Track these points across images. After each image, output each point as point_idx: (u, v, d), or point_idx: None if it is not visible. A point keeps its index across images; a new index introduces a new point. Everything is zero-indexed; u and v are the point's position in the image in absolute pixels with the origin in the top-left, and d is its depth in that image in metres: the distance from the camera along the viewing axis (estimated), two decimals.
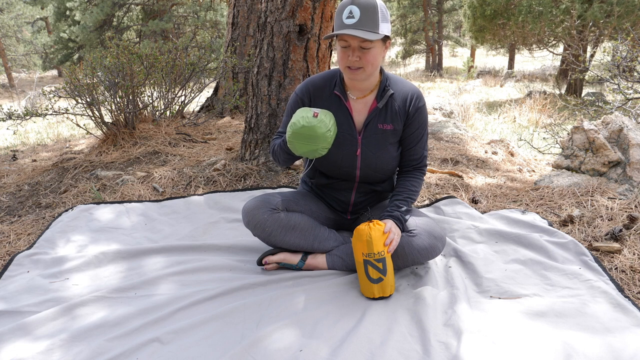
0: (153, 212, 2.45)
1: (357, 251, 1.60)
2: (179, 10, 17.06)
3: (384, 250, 1.57)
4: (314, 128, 1.51)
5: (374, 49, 1.55)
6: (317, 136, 1.53)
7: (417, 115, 1.73)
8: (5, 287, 1.75)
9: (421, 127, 1.75)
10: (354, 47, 1.53)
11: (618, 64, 4.57)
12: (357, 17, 1.49)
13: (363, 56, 1.54)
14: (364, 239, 1.56)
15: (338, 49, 1.58)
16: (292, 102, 1.78)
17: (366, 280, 1.60)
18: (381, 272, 1.57)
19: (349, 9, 1.50)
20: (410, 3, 23.78)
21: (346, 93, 1.72)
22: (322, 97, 1.73)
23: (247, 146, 3.02)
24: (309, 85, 1.75)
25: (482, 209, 2.42)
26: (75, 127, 6.28)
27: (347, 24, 1.50)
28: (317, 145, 1.55)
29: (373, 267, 1.57)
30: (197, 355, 1.34)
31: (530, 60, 20.85)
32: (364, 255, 1.58)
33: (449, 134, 3.97)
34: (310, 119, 1.52)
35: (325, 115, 1.57)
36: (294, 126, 1.54)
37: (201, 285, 1.72)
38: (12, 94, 15.49)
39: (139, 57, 3.80)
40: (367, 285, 1.60)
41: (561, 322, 1.44)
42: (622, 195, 2.34)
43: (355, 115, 1.72)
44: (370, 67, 1.57)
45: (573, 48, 9.34)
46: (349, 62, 1.56)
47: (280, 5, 2.73)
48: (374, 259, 1.57)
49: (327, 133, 1.54)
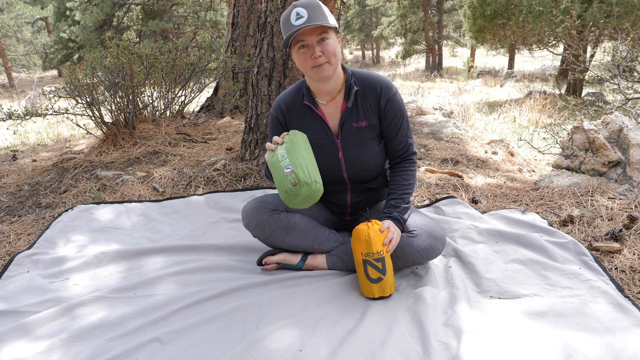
0: (153, 212, 2.45)
1: (357, 251, 1.60)
2: (179, 10, 17.06)
3: (383, 249, 1.57)
4: (301, 196, 1.52)
5: (331, 40, 1.57)
6: (309, 197, 1.53)
7: (389, 106, 1.70)
8: (5, 287, 1.75)
9: (397, 116, 1.72)
10: (313, 44, 1.55)
11: (618, 64, 4.57)
12: (306, 16, 1.52)
13: (324, 49, 1.55)
14: (363, 239, 1.56)
15: (297, 55, 1.59)
16: (270, 122, 1.81)
17: (366, 280, 1.59)
18: (380, 272, 1.57)
19: (295, 12, 1.53)
20: (410, 3, 23.79)
21: (315, 100, 1.72)
22: (294, 112, 1.74)
23: (247, 146, 3.02)
24: (280, 103, 1.77)
25: (482, 209, 2.42)
26: (75, 127, 6.28)
27: (298, 24, 1.51)
28: (316, 197, 1.55)
29: (372, 266, 1.57)
30: (197, 355, 1.34)
31: (530, 60, 20.85)
32: (363, 255, 1.58)
33: (449, 134, 3.97)
34: (292, 193, 1.51)
35: (298, 166, 1.53)
36: (288, 202, 1.55)
37: (201, 285, 1.72)
38: (12, 94, 15.50)
39: (139, 57, 3.80)
40: (367, 286, 1.60)
41: (561, 322, 1.44)
42: (622, 195, 2.34)
43: (329, 120, 1.72)
44: (334, 58, 1.58)
45: (573, 48, 9.34)
46: (313, 60, 1.56)
47: (280, 5, 2.73)
48: (373, 258, 1.56)
49: (313, 186, 1.53)
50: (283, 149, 1.56)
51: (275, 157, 1.56)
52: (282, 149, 1.57)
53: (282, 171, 1.52)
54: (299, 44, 1.56)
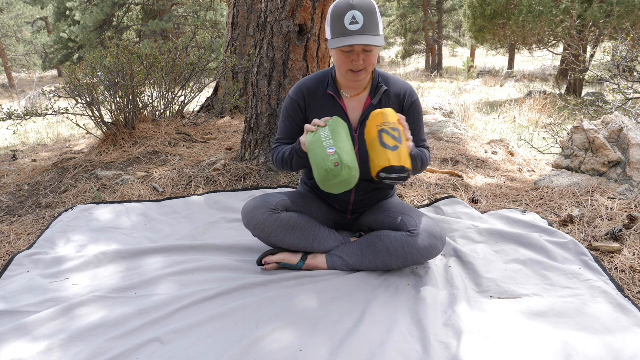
0: (153, 212, 2.45)
1: (371, 127, 1.52)
2: (179, 10, 17.07)
3: (399, 125, 1.51)
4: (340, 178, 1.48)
5: (376, 50, 1.57)
6: (346, 181, 1.50)
7: (412, 110, 1.76)
8: (5, 287, 1.75)
9: (417, 120, 1.79)
10: (358, 52, 1.54)
11: (618, 64, 4.57)
12: (362, 23, 1.49)
13: (367, 59, 1.57)
14: (378, 112, 1.52)
15: (338, 53, 1.58)
16: (287, 106, 1.78)
17: (381, 148, 1.48)
18: (397, 140, 1.48)
19: (351, 15, 1.49)
20: (410, 3, 23.79)
21: (340, 92, 1.73)
22: (316, 99, 1.74)
23: (247, 146, 3.02)
24: (302, 87, 1.76)
25: (482, 209, 2.42)
26: (75, 127, 6.28)
27: (352, 30, 1.50)
28: (351, 184, 1.52)
29: (388, 134, 1.48)
30: (197, 355, 1.34)
31: (530, 60, 20.85)
32: (379, 127, 1.50)
33: (449, 134, 3.97)
34: (332, 173, 1.47)
35: (343, 149, 1.49)
36: (323, 183, 1.50)
37: (201, 285, 1.72)
38: (12, 94, 15.50)
39: (139, 57, 3.80)
40: (382, 153, 1.47)
41: (561, 322, 1.44)
42: (622, 195, 2.34)
43: (350, 114, 1.74)
44: (371, 67, 1.60)
45: (573, 48, 9.34)
46: (354, 66, 1.57)
47: (280, 5, 2.73)
48: (389, 127, 1.49)
49: (354, 171, 1.49)
50: (327, 131, 1.53)
51: (318, 136, 1.53)
52: (325, 131, 1.54)
53: (325, 150, 1.49)
54: (346, 46, 1.54)
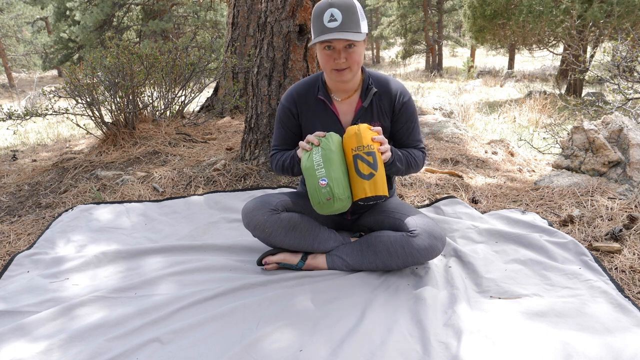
0: (153, 212, 2.45)
1: (347, 149, 1.58)
2: (179, 10, 17.06)
3: (374, 145, 1.55)
4: (332, 210, 1.56)
5: (358, 48, 1.57)
6: (339, 209, 1.57)
7: (403, 111, 1.74)
8: (5, 287, 1.75)
9: (410, 120, 1.76)
10: (339, 49, 1.55)
11: (618, 64, 4.57)
12: (340, 19, 1.50)
13: (349, 56, 1.56)
14: (352, 133, 1.55)
15: (320, 52, 1.59)
16: (280, 113, 1.78)
17: (357, 178, 1.55)
18: (372, 167, 1.54)
19: (329, 12, 1.51)
20: (410, 3, 23.79)
21: (330, 96, 1.72)
22: (307, 104, 1.74)
23: (247, 146, 3.02)
24: (293, 93, 1.76)
25: (482, 209, 2.42)
26: (75, 127, 6.28)
27: (331, 27, 1.51)
28: (345, 209, 1.59)
29: (363, 161, 1.53)
30: (197, 355, 1.34)
31: (530, 60, 20.84)
32: (354, 151, 1.55)
33: (449, 134, 3.97)
34: (325, 205, 1.55)
35: (335, 180, 1.53)
36: (316, 210, 1.58)
37: (201, 285, 1.72)
38: (12, 94, 15.50)
39: (139, 57, 3.80)
40: (359, 184, 1.55)
41: (561, 322, 1.44)
42: (622, 195, 2.34)
43: (342, 117, 1.73)
44: (356, 66, 1.59)
45: (573, 48, 9.33)
46: (336, 64, 1.57)
47: (280, 5, 2.73)
48: (363, 152, 1.54)
49: (346, 202, 1.56)
50: (319, 156, 1.55)
51: (310, 162, 1.56)
52: (317, 155, 1.55)
53: (317, 181, 1.52)
54: (325, 44, 1.56)
